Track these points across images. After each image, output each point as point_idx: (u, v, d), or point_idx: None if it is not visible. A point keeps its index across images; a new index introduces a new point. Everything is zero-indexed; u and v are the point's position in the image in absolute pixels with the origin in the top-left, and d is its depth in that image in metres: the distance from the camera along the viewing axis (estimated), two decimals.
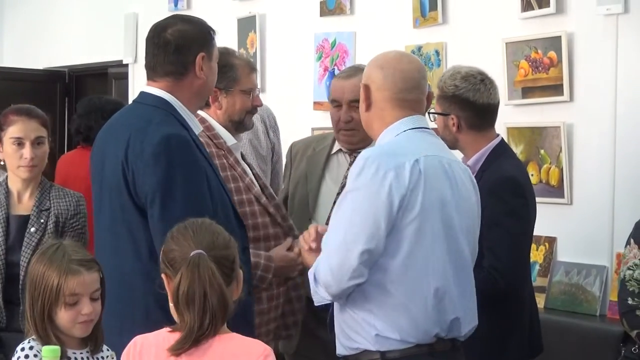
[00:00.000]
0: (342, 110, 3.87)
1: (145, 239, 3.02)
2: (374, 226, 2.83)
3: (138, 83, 7.65)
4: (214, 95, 3.65)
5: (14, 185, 3.95)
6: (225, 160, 3.65)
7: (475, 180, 3.14)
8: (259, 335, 3.38)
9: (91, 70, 8.89)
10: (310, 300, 3.69)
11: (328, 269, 2.90)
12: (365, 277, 2.87)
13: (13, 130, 3.89)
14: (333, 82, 4.02)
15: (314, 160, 4.03)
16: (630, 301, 3.71)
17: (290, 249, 3.70)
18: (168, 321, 2.93)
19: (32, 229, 3.85)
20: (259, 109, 5.05)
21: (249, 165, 3.87)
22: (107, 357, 2.89)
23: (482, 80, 3.69)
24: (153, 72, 3.23)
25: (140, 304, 3.02)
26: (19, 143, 3.88)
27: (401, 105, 3.02)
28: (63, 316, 2.75)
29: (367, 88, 3.07)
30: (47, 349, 2.67)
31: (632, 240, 3.82)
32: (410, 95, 3.03)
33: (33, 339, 2.77)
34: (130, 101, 7.42)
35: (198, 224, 2.62)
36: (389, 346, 2.90)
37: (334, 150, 4.02)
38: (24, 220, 3.89)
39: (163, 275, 2.60)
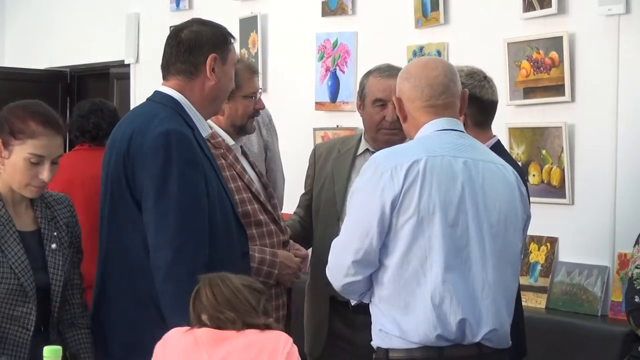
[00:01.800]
0: (389, 109, 3.84)
1: (140, 233, 3.04)
2: (367, 226, 2.92)
3: (140, 83, 7.63)
4: None
5: (8, 196, 3.20)
6: (223, 160, 3.66)
7: (522, 185, 3.13)
8: None
9: (93, 70, 8.90)
10: (335, 301, 3.75)
11: (329, 266, 3.05)
12: (361, 275, 2.96)
13: (36, 146, 3.11)
14: (374, 81, 3.93)
15: (340, 161, 4.04)
16: (637, 299, 3.72)
17: (288, 249, 3.75)
18: (159, 316, 2.96)
19: (53, 246, 3.21)
20: None
21: (252, 163, 3.87)
22: None
23: (484, 77, 3.73)
24: (166, 71, 3.26)
25: (134, 297, 3.04)
26: (38, 162, 3.13)
27: (432, 112, 3.08)
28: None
29: (399, 101, 3.14)
30: (48, 349, 2.67)
31: None
32: (439, 101, 3.07)
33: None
34: (132, 101, 7.48)
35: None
36: (391, 344, 2.94)
37: (360, 151, 4.01)
38: (37, 236, 3.22)
39: None
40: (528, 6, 5.02)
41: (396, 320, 2.92)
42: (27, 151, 3.10)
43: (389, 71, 3.93)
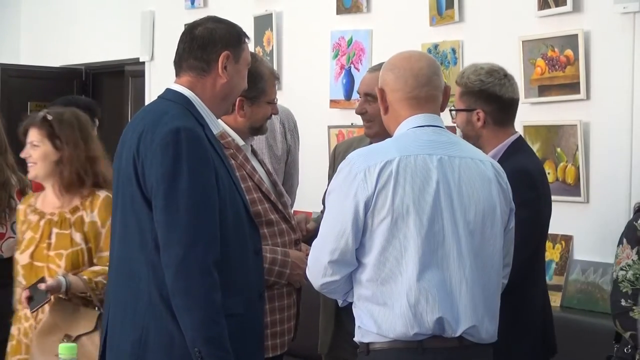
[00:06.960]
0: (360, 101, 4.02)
1: (151, 230, 3.04)
2: (342, 227, 2.95)
3: (155, 81, 7.65)
4: (239, 103, 3.66)
5: None
6: (233, 160, 3.65)
7: (501, 177, 3.12)
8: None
9: (108, 68, 8.93)
10: None
11: (308, 266, 3.11)
12: (339, 275, 3.00)
13: None
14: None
15: None
16: (623, 302, 3.66)
17: (299, 248, 3.76)
18: (169, 313, 2.97)
19: None
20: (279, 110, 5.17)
21: (260, 162, 3.88)
22: None
23: (505, 75, 3.73)
24: (179, 67, 3.25)
25: (144, 293, 3.04)
26: None
27: (414, 104, 3.07)
28: None
29: (382, 92, 3.14)
30: (63, 347, 2.69)
31: (624, 240, 3.78)
32: (422, 92, 3.07)
33: None
34: (147, 99, 7.50)
35: None
36: (370, 339, 2.98)
37: None
38: None
39: None
40: (543, 4, 5.01)
41: (374, 318, 2.95)
42: None
43: (374, 67, 4.09)
